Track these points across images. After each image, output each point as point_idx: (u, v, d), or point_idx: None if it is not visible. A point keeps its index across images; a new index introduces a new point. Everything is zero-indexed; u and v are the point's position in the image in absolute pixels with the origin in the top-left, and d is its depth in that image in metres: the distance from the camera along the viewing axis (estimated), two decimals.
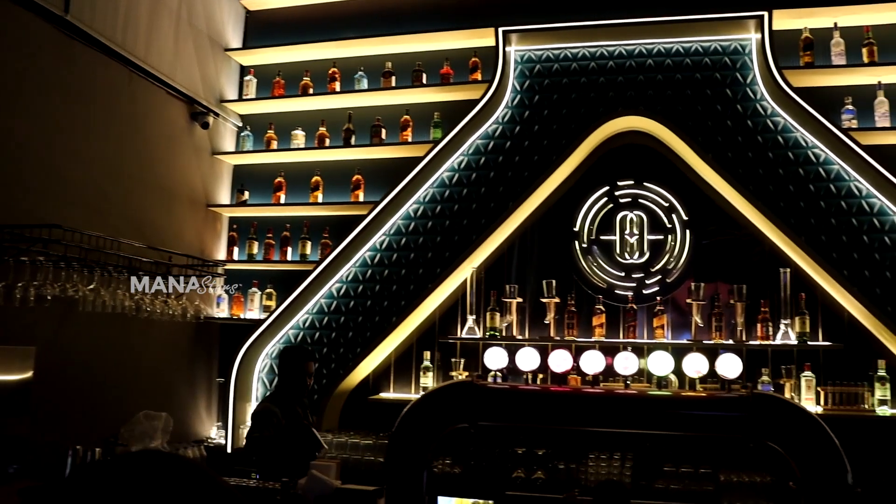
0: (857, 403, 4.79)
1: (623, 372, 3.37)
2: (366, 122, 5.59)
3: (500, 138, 5.37)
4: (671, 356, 3.19)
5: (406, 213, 5.41)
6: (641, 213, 5.22)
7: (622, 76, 5.27)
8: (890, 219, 4.89)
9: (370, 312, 5.39)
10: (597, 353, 3.33)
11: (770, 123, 5.08)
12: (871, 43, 5.00)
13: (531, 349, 3.45)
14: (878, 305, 4.79)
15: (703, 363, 3.08)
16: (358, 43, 5.63)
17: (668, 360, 3.17)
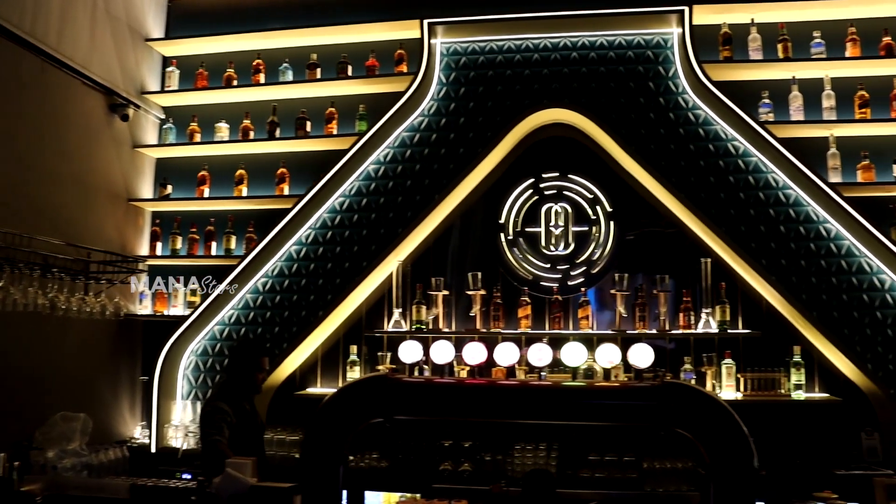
0: (774, 389, 4.91)
1: (537, 364, 3.38)
2: (291, 115, 5.51)
3: (426, 130, 5.34)
4: (584, 347, 3.20)
5: (332, 206, 5.35)
6: (566, 205, 5.25)
7: (547, 69, 5.29)
8: (805, 209, 5.00)
9: (296, 307, 5.32)
10: (511, 345, 3.33)
11: (691, 116, 5.16)
12: (785, 39, 5.11)
13: (445, 342, 3.44)
14: (793, 293, 4.91)
15: (616, 353, 3.10)
16: (283, 34, 5.55)
17: (581, 350, 3.18)
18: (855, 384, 4.94)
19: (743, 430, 2.93)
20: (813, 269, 4.95)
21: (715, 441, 3.03)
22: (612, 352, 3.06)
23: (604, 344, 3.17)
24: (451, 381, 3.56)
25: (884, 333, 4.88)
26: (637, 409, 3.19)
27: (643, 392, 3.26)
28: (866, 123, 5.02)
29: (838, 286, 4.94)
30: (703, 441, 3.06)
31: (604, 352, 3.08)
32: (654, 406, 3.11)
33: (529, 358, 3.38)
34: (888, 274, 4.88)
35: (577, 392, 3.46)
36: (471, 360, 3.25)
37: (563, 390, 3.50)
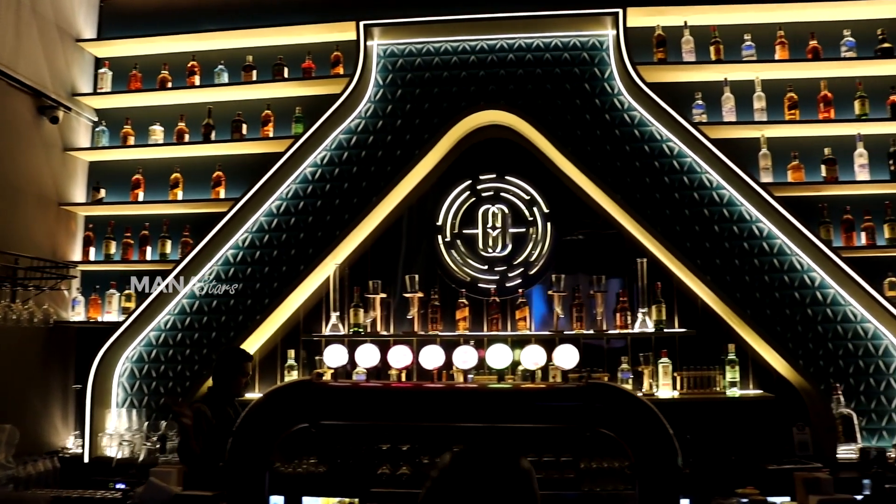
0: (710, 386, 4.98)
1: (462, 366, 3.36)
2: (226, 117, 5.44)
3: (363, 133, 5.31)
4: (509, 349, 3.19)
5: (268, 209, 5.29)
6: (503, 207, 5.26)
7: (484, 70, 5.30)
8: (738, 209, 5.07)
9: (233, 311, 5.25)
10: (436, 348, 3.31)
11: (627, 117, 5.20)
12: (717, 41, 5.18)
13: (371, 346, 3.40)
14: (728, 292, 4.97)
15: (541, 355, 3.10)
16: (218, 36, 5.47)
17: (506, 352, 3.17)
18: (787, 380, 5.02)
19: (667, 429, 2.93)
20: (746, 268, 5.02)
21: (639, 440, 3.02)
22: (538, 353, 3.05)
23: (529, 346, 3.16)
24: (377, 384, 3.53)
25: (814, 330, 4.97)
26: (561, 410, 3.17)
27: (567, 393, 3.26)
28: (795, 124, 5.11)
29: (771, 284, 5.01)
30: (627, 440, 3.05)
31: (529, 353, 3.08)
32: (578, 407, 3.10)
33: (455, 360, 3.36)
34: (818, 272, 4.97)
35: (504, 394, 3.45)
36: (396, 364, 3.22)
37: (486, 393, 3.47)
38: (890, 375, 4.94)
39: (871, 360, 4.96)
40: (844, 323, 4.99)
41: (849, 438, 4.78)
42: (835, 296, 4.98)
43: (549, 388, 3.06)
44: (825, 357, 4.95)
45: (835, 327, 4.98)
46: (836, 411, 4.80)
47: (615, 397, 3.06)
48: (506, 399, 3.11)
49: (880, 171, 5.10)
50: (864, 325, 4.97)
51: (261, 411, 3.41)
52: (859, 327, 4.97)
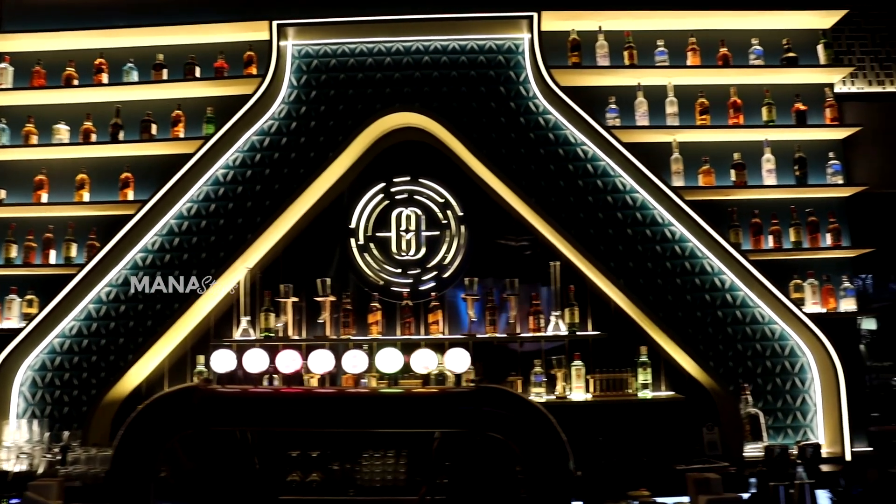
0: (622, 389, 5.02)
1: (352, 370, 3.30)
2: (136, 117, 5.28)
3: (276, 134, 5.22)
4: (400, 353, 3.16)
5: (179, 212, 5.15)
6: (417, 210, 5.22)
7: (399, 72, 5.25)
8: (651, 212, 5.12)
9: (142, 316, 5.09)
10: (326, 353, 3.25)
11: (542, 121, 5.21)
12: (631, 46, 5.23)
13: (260, 350, 3.32)
14: (640, 295, 5.01)
15: (432, 359, 3.07)
16: (128, 33, 5.31)
17: (397, 356, 3.13)
18: (698, 381, 5.09)
19: (557, 432, 2.92)
20: (659, 271, 5.08)
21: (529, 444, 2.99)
22: (428, 357, 3.02)
23: (418, 349, 3.13)
24: (267, 390, 3.45)
25: (724, 332, 5.05)
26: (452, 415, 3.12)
27: (457, 397, 3.21)
28: (706, 129, 5.19)
29: (683, 287, 5.08)
30: (517, 444, 3.03)
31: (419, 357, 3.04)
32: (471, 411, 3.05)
33: (344, 365, 3.31)
34: (728, 274, 5.05)
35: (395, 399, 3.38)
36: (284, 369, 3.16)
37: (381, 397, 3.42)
38: (795, 375, 5.05)
39: (778, 360, 5.06)
40: (753, 324, 5.08)
41: (756, 437, 4.87)
42: (744, 298, 5.07)
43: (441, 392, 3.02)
44: (734, 358, 5.03)
45: (744, 329, 5.07)
46: (744, 411, 4.88)
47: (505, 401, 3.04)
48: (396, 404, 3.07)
49: (786, 177, 5.21)
50: (771, 326, 5.07)
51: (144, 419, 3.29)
52: (767, 328, 5.07)
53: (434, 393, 3.22)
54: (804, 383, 5.05)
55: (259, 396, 3.37)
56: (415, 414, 3.10)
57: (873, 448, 5.06)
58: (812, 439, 4.95)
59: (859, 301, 5.20)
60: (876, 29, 5.52)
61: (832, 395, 4.91)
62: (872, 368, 5.75)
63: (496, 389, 3.18)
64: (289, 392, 3.53)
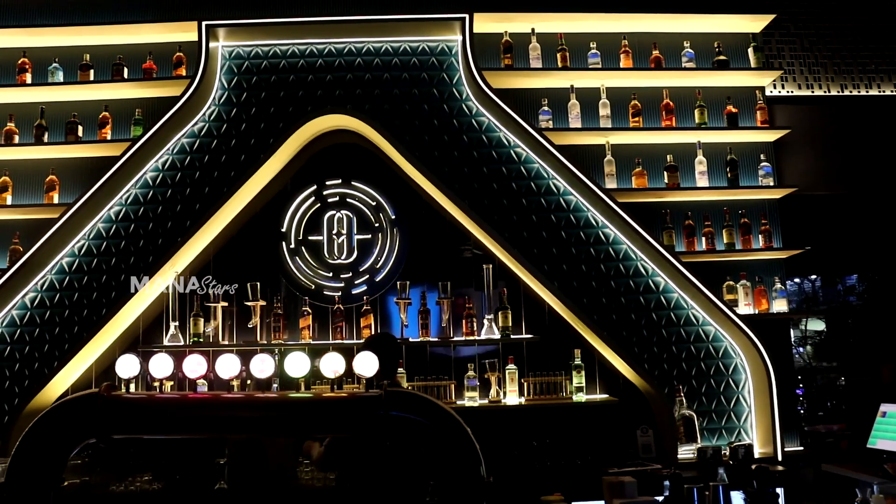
0: (557, 392, 4.99)
1: (259, 375, 3.24)
2: (61, 119, 5.16)
3: (207, 137, 5.13)
4: (308, 357, 3.11)
5: (107, 215, 5.04)
6: (349, 213, 5.17)
7: (331, 74, 5.20)
8: (585, 215, 5.12)
9: (68, 323, 4.97)
10: (232, 357, 3.18)
11: (475, 123, 5.19)
12: (563, 49, 5.23)
13: (165, 356, 3.24)
14: (574, 298, 5.00)
15: (340, 363, 3.02)
16: (53, 31, 5.18)
17: (304, 360, 3.08)
18: (633, 384, 5.08)
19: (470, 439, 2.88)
20: (593, 274, 5.07)
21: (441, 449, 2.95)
22: (337, 360, 2.97)
23: (328, 354, 3.08)
24: (172, 396, 3.37)
25: (658, 334, 5.05)
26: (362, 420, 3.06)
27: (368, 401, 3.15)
28: (639, 132, 5.20)
29: (617, 290, 5.08)
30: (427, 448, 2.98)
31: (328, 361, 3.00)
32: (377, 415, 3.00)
33: (252, 370, 3.24)
34: (662, 276, 5.06)
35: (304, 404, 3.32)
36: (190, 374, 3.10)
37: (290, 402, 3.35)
38: (729, 376, 5.07)
39: (712, 361, 5.08)
40: (687, 326, 5.10)
41: (689, 439, 4.88)
42: (678, 300, 5.09)
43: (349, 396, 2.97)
44: (669, 360, 5.04)
45: (678, 330, 5.08)
46: (678, 413, 4.89)
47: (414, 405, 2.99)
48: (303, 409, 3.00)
49: (719, 179, 5.25)
50: (705, 328, 5.09)
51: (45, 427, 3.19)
52: (701, 330, 5.09)
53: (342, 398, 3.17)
54: (738, 384, 5.07)
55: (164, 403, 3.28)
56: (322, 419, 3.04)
57: (804, 448, 5.10)
58: (745, 440, 4.97)
59: (804, 303, 5.26)
60: (805, 33, 5.60)
61: (764, 396, 4.94)
62: (819, 369, 5.82)
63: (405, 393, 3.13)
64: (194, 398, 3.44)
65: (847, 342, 5.86)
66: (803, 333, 6.12)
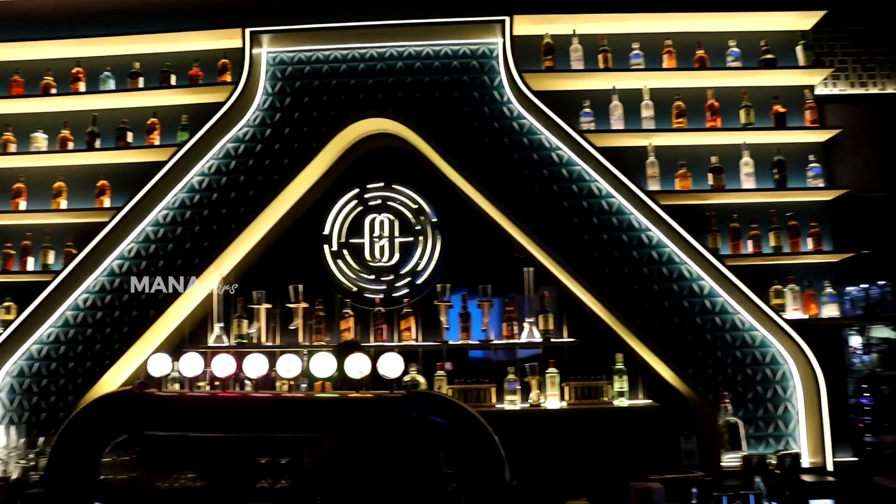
0: (598, 396, 4.94)
1: (286, 375, 3.28)
2: (112, 125, 5.31)
3: (251, 141, 5.22)
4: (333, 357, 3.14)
5: (155, 219, 5.16)
6: (391, 216, 5.20)
7: (373, 78, 5.24)
8: (627, 218, 5.05)
9: (118, 323, 5.10)
10: (260, 357, 3.22)
11: (516, 126, 5.16)
12: (605, 50, 5.17)
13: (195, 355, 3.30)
14: (616, 302, 4.94)
15: (366, 363, 3.03)
16: (104, 41, 5.34)
17: (330, 361, 3.11)
18: (676, 389, 5.00)
19: (495, 442, 2.87)
20: (636, 277, 5.00)
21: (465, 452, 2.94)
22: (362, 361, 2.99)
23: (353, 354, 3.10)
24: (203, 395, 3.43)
25: (703, 339, 4.95)
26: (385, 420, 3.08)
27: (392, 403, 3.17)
28: (683, 133, 5.12)
29: (660, 293, 4.99)
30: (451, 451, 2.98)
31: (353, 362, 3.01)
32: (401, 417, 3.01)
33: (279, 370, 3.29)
34: (707, 280, 4.97)
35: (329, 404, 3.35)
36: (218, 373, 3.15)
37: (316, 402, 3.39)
38: (776, 383, 4.94)
39: (759, 367, 4.96)
40: (733, 331, 4.98)
41: (734, 446, 4.77)
42: (723, 304, 4.98)
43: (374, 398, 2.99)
44: (714, 366, 4.93)
45: (723, 336, 4.97)
46: (723, 420, 4.79)
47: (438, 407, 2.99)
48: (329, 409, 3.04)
49: (765, 180, 5.13)
50: (751, 333, 4.97)
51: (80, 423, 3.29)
52: (747, 335, 4.97)
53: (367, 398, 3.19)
54: (786, 391, 4.94)
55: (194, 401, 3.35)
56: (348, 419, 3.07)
57: (858, 458, 4.95)
58: (793, 449, 4.84)
59: (869, 309, 5.11)
60: (857, 30, 5.43)
61: (814, 404, 4.80)
62: (886, 377, 5.62)
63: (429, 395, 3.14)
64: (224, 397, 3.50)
65: None
66: (867, 341, 5.92)
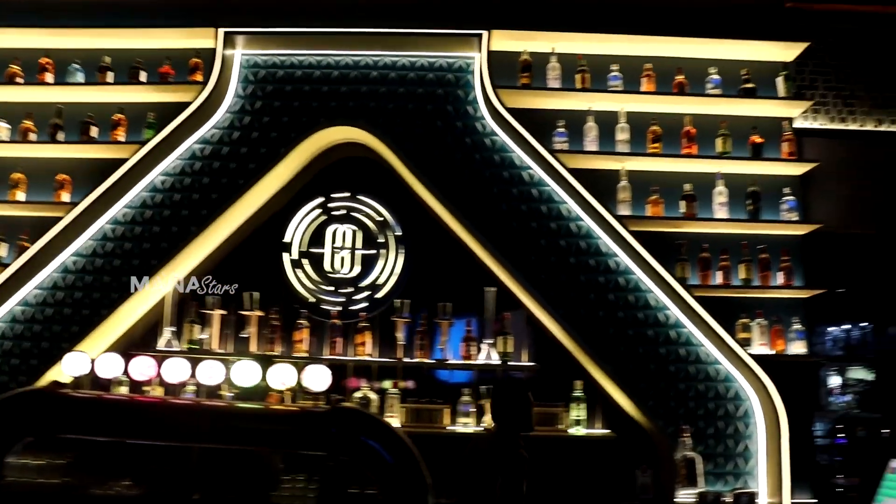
0: (554, 424, 4.82)
1: (206, 382, 3.16)
2: (77, 119, 5.19)
3: (218, 143, 5.11)
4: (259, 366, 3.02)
5: (114, 217, 5.05)
6: (354, 227, 5.10)
7: (346, 86, 5.14)
8: (596, 242, 4.95)
9: (68, 321, 4.97)
10: (182, 361, 3.11)
11: (488, 142, 5.07)
12: (584, 70, 5.09)
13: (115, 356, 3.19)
14: (579, 327, 4.83)
15: (292, 374, 2.93)
16: (75, 33, 5.23)
17: (255, 370, 3.00)
18: (636, 421, 4.88)
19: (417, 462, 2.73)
20: (601, 303, 4.89)
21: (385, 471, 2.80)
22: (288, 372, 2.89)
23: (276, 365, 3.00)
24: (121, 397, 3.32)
25: (666, 370, 4.85)
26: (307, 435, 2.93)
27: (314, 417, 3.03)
28: (657, 158, 5.02)
29: (625, 321, 4.89)
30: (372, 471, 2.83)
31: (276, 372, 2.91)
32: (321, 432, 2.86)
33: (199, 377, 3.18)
34: (673, 310, 4.87)
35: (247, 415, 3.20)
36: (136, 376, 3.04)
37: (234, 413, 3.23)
38: (738, 419, 4.83)
39: (721, 402, 4.85)
40: (697, 364, 4.88)
41: (691, 482, 4.66)
42: (689, 336, 4.88)
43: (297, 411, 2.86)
44: (676, 398, 4.82)
45: (687, 368, 4.86)
46: (680, 454, 4.67)
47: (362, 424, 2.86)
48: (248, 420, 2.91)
49: (738, 211, 5.03)
50: (716, 366, 4.87)
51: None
52: (711, 369, 4.87)
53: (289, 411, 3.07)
54: (747, 428, 4.83)
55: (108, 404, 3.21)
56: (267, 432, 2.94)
57: (817, 500, 4.83)
58: (751, 487, 4.72)
59: (849, 349, 5.02)
60: (840, 65, 5.34)
61: (775, 443, 4.69)
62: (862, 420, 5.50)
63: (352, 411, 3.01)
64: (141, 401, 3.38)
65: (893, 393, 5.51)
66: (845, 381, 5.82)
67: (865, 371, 5.37)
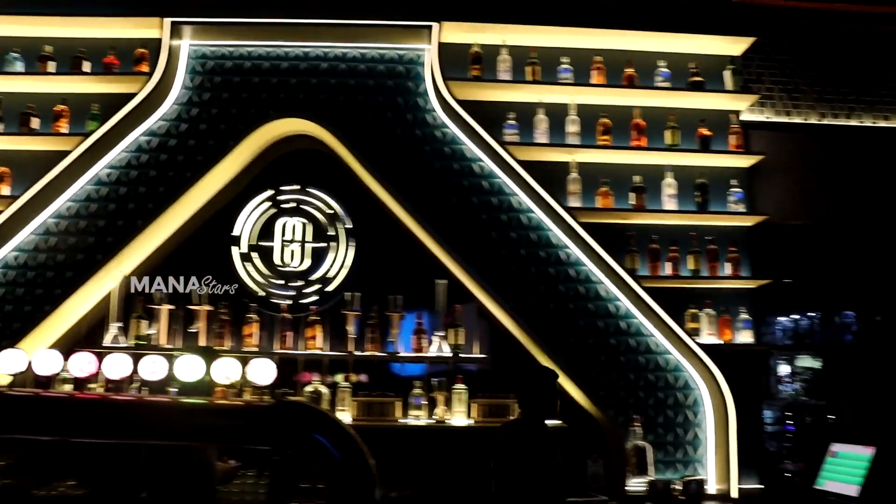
0: (507, 414, 4.82)
1: (149, 377, 3.11)
2: (16, 109, 5.05)
3: (165, 135, 5.01)
4: (203, 360, 2.98)
5: (57, 211, 4.93)
6: (304, 220, 5.05)
7: (296, 78, 5.08)
8: (546, 234, 4.98)
9: (9, 318, 4.84)
10: (124, 357, 3.05)
11: (439, 134, 5.06)
12: (534, 62, 5.10)
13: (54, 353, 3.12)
14: (530, 319, 4.84)
15: (236, 368, 2.89)
16: (14, 20, 5.09)
17: (199, 364, 2.95)
18: (587, 411, 4.92)
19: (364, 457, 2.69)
20: (552, 295, 4.91)
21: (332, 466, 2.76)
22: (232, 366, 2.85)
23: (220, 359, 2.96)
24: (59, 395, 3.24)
25: (617, 360, 4.90)
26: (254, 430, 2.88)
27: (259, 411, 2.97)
28: (607, 150, 5.06)
29: (575, 312, 4.93)
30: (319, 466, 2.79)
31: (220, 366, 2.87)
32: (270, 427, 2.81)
33: (141, 372, 3.12)
34: (623, 301, 4.91)
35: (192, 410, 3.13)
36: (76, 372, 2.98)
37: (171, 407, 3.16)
38: (688, 408, 4.90)
39: (671, 392, 4.91)
40: (647, 354, 4.93)
41: (641, 471, 4.72)
42: (639, 326, 4.93)
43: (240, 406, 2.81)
44: (626, 388, 4.88)
45: (637, 358, 4.92)
46: (631, 443, 4.72)
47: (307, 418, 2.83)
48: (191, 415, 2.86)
49: (687, 203, 5.09)
50: (665, 356, 4.93)
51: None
52: (661, 359, 4.93)
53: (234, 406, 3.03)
54: (696, 416, 4.91)
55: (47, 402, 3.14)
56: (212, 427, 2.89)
57: (764, 486, 4.92)
58: (700, 475, 4.78)
59: (798, 338, 5.10)
60: (785, 59, 5.44)
61: (723, 430, 4.77)
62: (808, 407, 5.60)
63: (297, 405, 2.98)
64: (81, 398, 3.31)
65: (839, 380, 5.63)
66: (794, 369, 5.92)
67: (812, 359, 5.46)
